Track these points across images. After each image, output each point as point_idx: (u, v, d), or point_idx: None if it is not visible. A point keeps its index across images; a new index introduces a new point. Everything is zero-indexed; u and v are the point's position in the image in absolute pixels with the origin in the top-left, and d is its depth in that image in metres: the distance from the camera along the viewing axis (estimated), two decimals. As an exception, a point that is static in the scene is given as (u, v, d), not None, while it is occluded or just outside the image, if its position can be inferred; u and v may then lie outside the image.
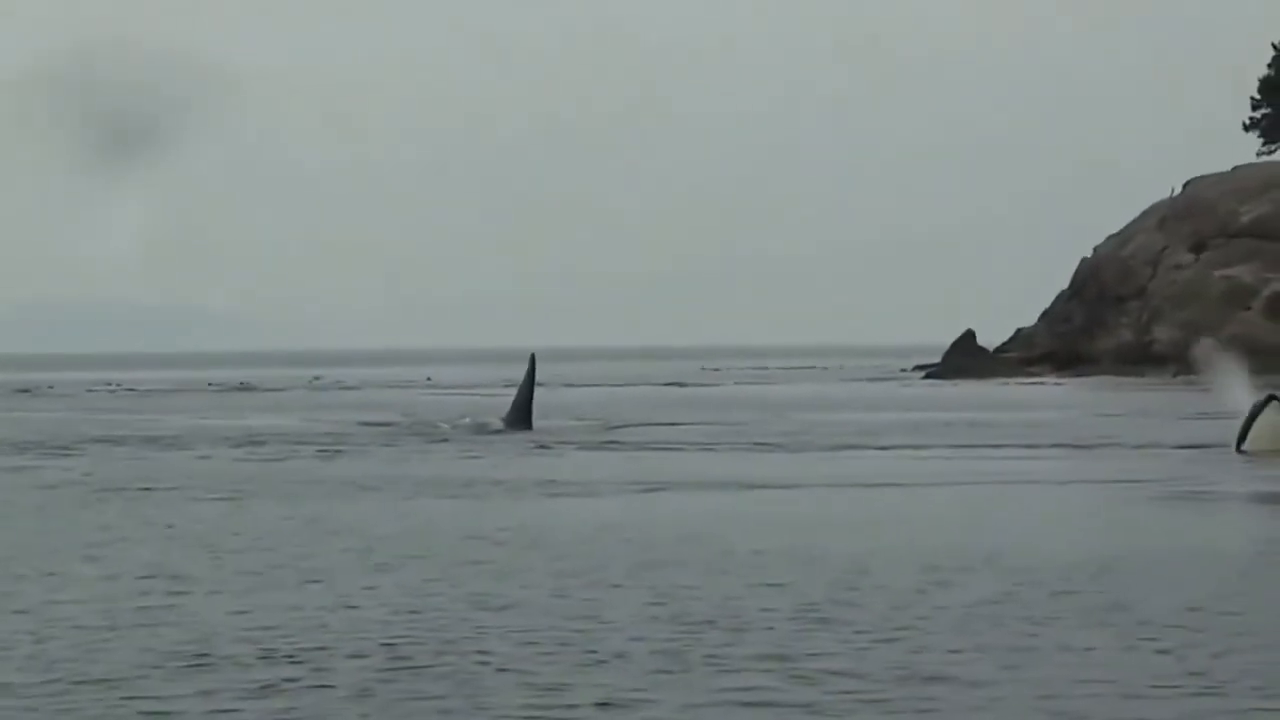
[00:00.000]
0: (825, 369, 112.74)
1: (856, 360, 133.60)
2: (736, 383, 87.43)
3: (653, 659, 11.52)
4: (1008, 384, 77.68)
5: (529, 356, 39.37)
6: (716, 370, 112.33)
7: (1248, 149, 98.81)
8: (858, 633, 12.41)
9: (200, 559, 17.22)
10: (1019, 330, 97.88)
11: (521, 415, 38.34)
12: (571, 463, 30.81)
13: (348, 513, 21.81)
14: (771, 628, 12.64)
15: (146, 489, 25.44)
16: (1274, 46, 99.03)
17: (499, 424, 39.89)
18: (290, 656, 11.73)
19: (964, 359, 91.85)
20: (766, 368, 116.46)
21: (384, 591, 14.76)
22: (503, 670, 11.24)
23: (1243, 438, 30.85)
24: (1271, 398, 31.00)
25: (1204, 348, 30.96)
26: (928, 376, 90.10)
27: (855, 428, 41.81)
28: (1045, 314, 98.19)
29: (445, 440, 36.71)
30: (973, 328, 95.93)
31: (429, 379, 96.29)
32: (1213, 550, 17.93)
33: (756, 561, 16.44)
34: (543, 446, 34.70)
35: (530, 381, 38.52)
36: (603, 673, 11.16)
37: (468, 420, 41.32)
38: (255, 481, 26.86)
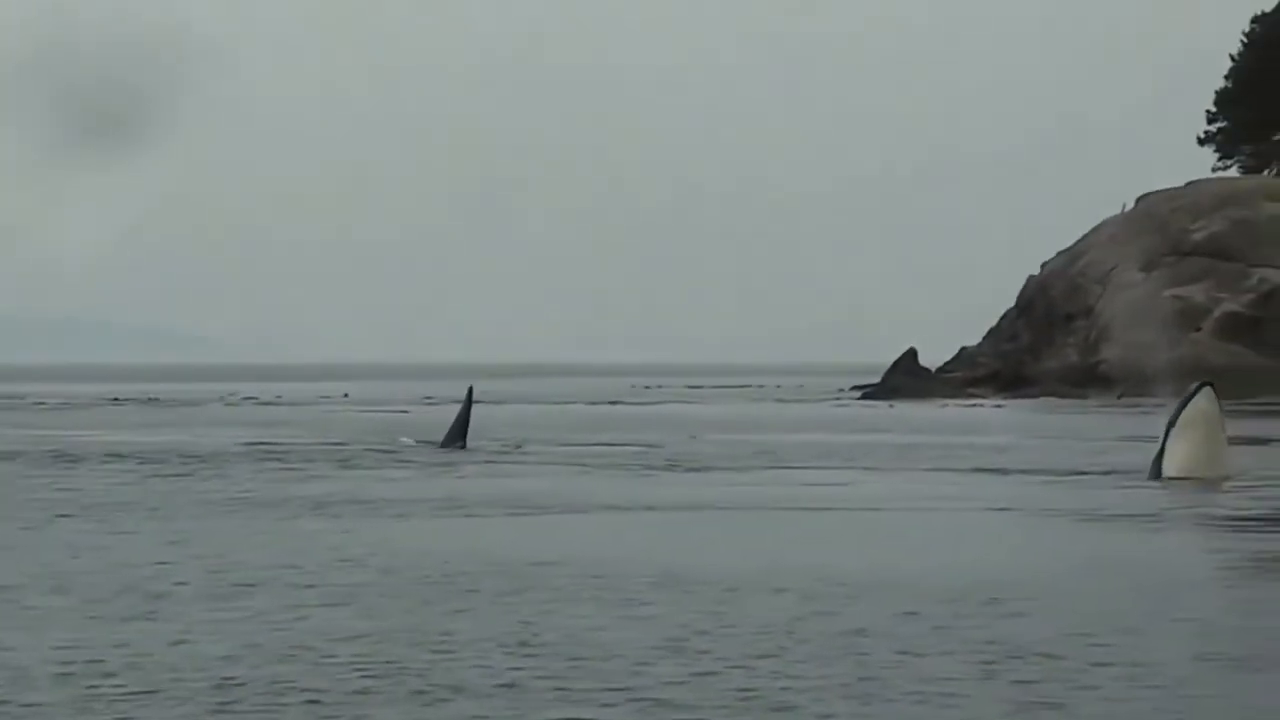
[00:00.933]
0: (762, 388, 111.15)
1: (799, 379, 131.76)
2: (665, 402, 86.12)
3: (493, 691, 11.03)
4: (945, 405, 75.42)
5: (468, 388, 41.01)
6: (648, 388, 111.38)
7: (1203, 164, 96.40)
8: (714, 661, 11.95)
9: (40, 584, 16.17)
10: (963, 349, 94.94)
11: (456, 435, 39.48)
12: (465, 483, 29.85)
13: (216, 533, 21.07)
14: (623, 655, 12.13)
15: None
16: (1231, 58, 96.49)
17: (410, 441, 41.28)
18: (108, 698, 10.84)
19: (904, 379, 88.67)
20: (701, 387, 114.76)
21: (229, 621, 13.94)
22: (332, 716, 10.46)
23: (1163, 451, 29.41)
24: (1205, 384, 29.48)
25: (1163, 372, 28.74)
26: (865, 397, 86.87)
27: (769, 449, 40.48)
28: (991, 333, 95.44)
29: (345, 460, 35.64)
30: (915, 346, 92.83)
31: (346, 395, 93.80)
32: (1106, 579, 17.14)
33: (626, 587, 15.85)
34: (447, 465, 34.11)
35: (467, 406, 39.98)
36: (435, 710, 10.61)
37: (409, 440, 41.51)
38: (129, 499, 25.86)
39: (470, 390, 40.70)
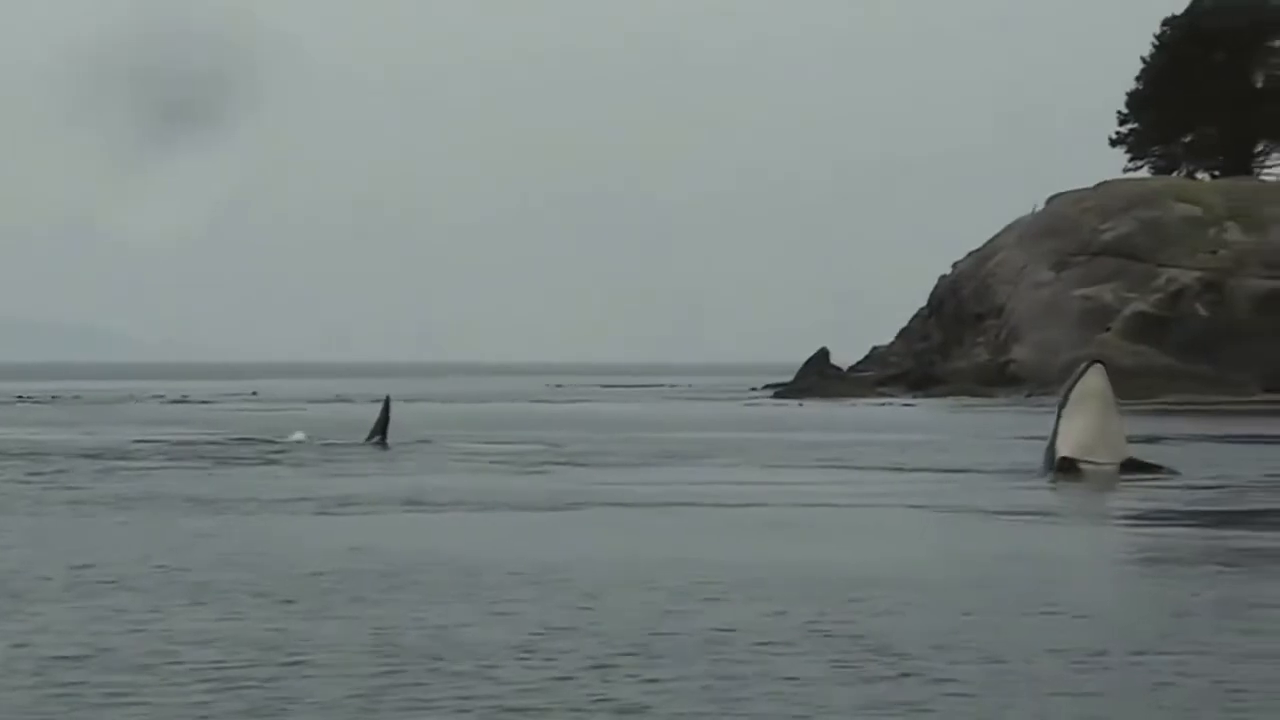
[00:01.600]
0: (675, 387, 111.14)
1: (717, 378, 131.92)
2: (577, 400, 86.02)
3: (340, 702, 10.57)
4: (855, 404, 75.37)
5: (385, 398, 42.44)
6: (560, 387, 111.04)
7: (1115, 165, 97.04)
8: (575, 660, 11.74)
9: None
10: (874, 349, 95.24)
11: (377, 431, 40.63)
12: (357, 480, 29.37)
13: (89, 530, 20.66)
14: (483, 658, 11.82)
15: None
16: (1142, 60, 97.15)
17: (301, 437, 41.95)
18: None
19: (815, 379, 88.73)
20: (615, 386, 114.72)
21: (85, 620, 13.52)
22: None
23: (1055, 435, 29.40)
24: (1094, 362, 29.75)
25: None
26: (776, 396, 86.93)
27: (669, 446, 40.39)
28: (903, 332, 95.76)
29: (232, 458, 35.44)
30: (827, 347, 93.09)
31: (254, 393, 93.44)
32: (982, 574, 16.98)
33: (498, 585, 15.57)
34: (339, 462, 33.88)
35: (386, 406, 41.30)
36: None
37: (301, 436, 41.98)
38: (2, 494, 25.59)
39: (388, 398, 42.17)
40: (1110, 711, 10.41)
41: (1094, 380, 29.33)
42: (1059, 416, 29.56)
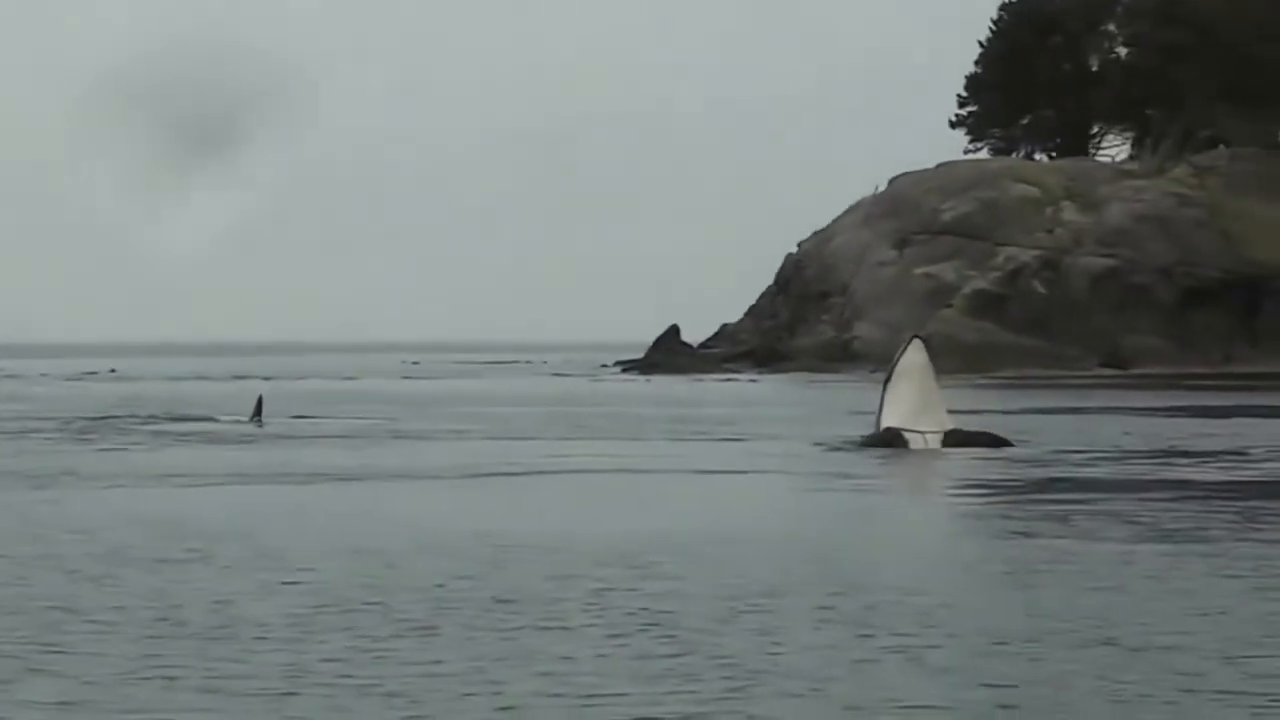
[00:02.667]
0: (530, 363, 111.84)
1: (572, 355, 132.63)
2: (427, 377, 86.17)
3: (101, 668, 10.54)
4: (701, 380, 76.37)
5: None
6: (416, 364, 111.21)
7: (955, 147, 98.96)
8: (351, 638, 11.51)
9: None
10: (724, 326, 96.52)
11: (255, 412, 41.71)
12: (168, 456, 29.59)
13: None
14: (260, 635, 11.64)
15: None
16: (979, 44, 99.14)
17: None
18: None
19: (664, 355, 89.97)
20: (469, 362, 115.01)
21: None
22: None
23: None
24: (914, 337, 30.78)
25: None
26: (625, 372, 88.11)
27: (501, 420, 41.04)
28: (751, 310, 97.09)
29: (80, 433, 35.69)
30: (678, 323, 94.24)
31: (113, 370, 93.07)
32: (776, 542, 17.16)
33: (296, 557, 15.61)
34: (175, 437, 34.34)
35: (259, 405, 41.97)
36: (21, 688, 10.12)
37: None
38: None
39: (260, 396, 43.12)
40: (844, 674, 10.68)
41: (914, 355, 30.32)
42: (884, 390, 30.75)
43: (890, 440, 29.76)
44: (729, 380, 76.62)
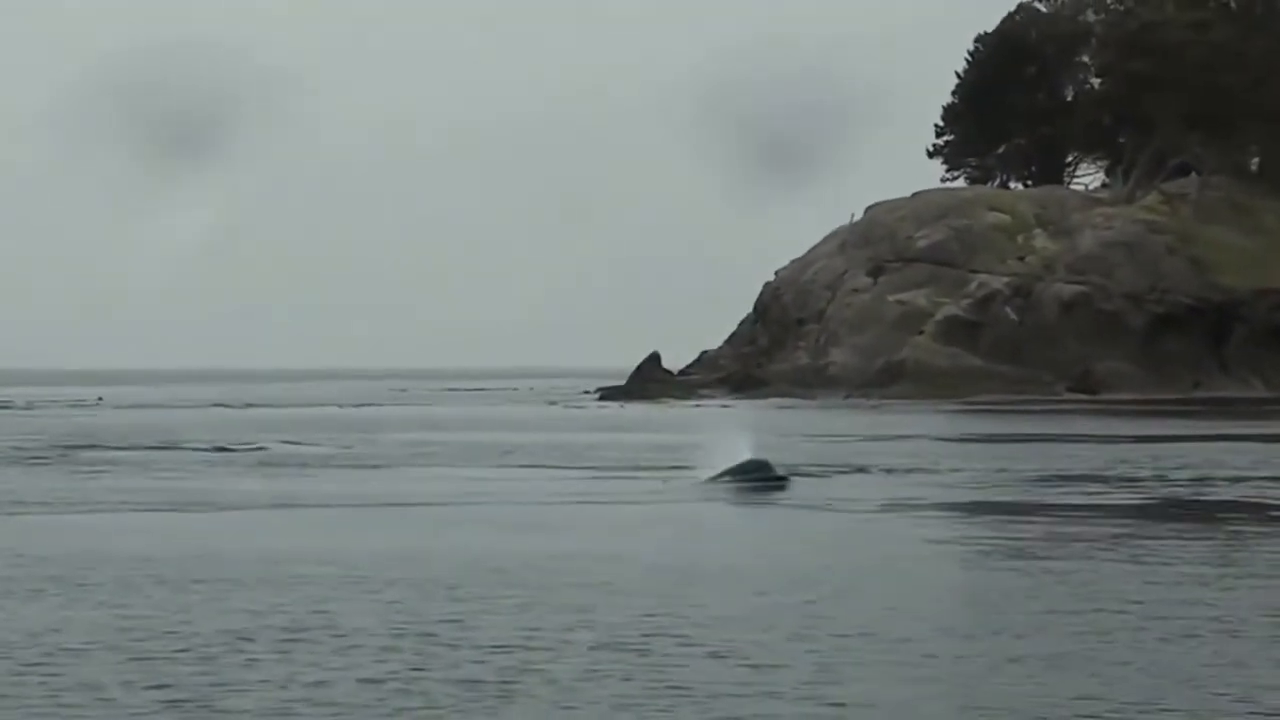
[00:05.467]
0: (515, 390, 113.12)
1: (565, 381, 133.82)
2: (408, 404, 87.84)
3: None
4: (673, 406, 77.53)
5: None
6: (404, 391, 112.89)
7: (933, 176, 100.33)
8: (108, 660, 12.68)
9: None
10: (704, 353, 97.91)
11: None
12: (96, 483, 31.25)
13: None
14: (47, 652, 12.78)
15: None
16: (957, 75, 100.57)
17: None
18: None
19: (643, 382, 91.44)
20: (456, 390, 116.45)
21: None
22: None
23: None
24: None
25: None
26: (602, 398, 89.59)
27: (441, 448, 42.16)
28: (731, 337, 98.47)
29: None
30: (659, 350, 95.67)
31: (100, 399, 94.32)
32: (583, 569, 18.35)
33: (130, 581, 16.89)
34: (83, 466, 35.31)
35: None
36: None
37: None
38: None
39: None
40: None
41: None
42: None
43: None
44: (699, 406, 77.92)
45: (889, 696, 11.34)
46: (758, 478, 29.03)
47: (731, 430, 32.49)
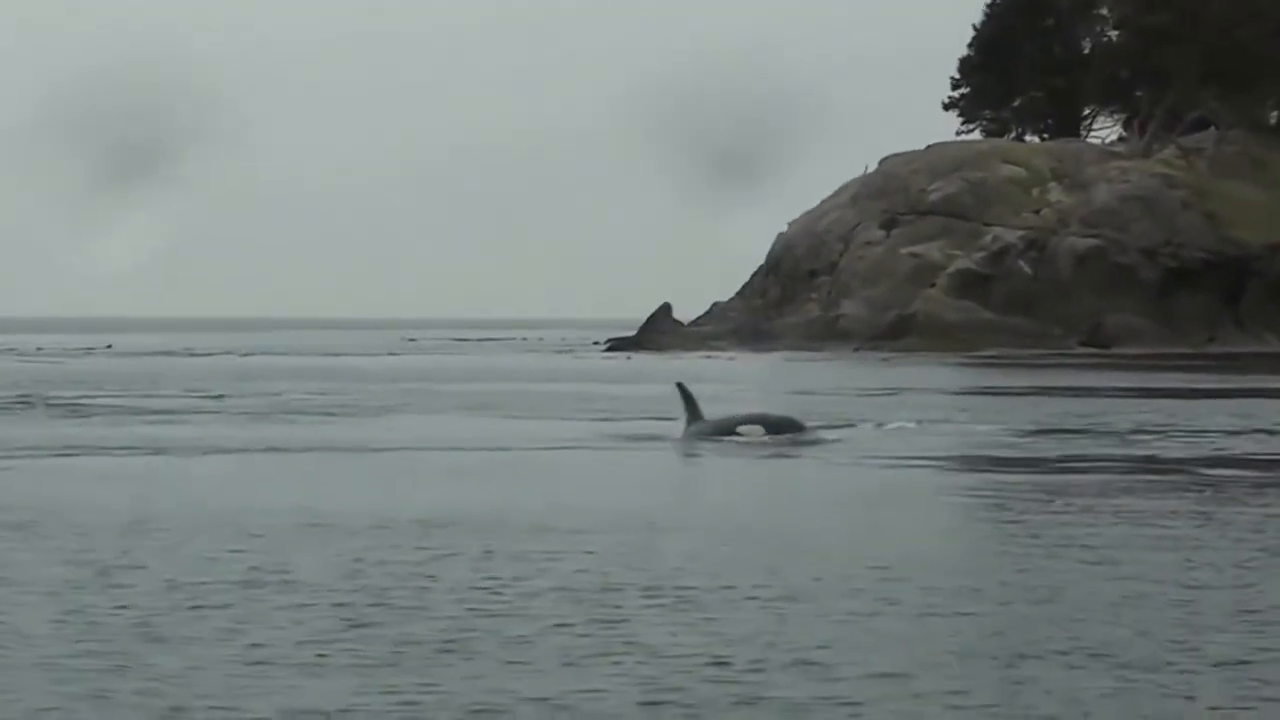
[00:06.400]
0: (525, 340, 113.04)
1: (574, 331, 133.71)
2: (417, 354, 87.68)
3: None
4: (681, 358, 77.19)
5: None
6: (413, 341, 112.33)
7: (949, 128, 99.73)
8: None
9: None
10: (715, 304, 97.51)
11: None
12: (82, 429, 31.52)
13: None
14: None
15: None
16: (974, 27, 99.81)
17: None
18: None
19: (654, 333, 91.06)
20: (465, 339, 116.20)
21: None
22: None
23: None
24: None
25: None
26: (610, 349, 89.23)
27: (431, 397, 42.41)
28: (743, 289, 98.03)
29: None
30: (670, 301, 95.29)
31: (110, 346, 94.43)
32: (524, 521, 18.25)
33: (84, 529, 16.96)
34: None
35: None
36: None
37: None
38: None
39: None
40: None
41: None
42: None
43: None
44: (708, 358, 77.56)
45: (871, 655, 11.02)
46: (779, 431, 27.95)
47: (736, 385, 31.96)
